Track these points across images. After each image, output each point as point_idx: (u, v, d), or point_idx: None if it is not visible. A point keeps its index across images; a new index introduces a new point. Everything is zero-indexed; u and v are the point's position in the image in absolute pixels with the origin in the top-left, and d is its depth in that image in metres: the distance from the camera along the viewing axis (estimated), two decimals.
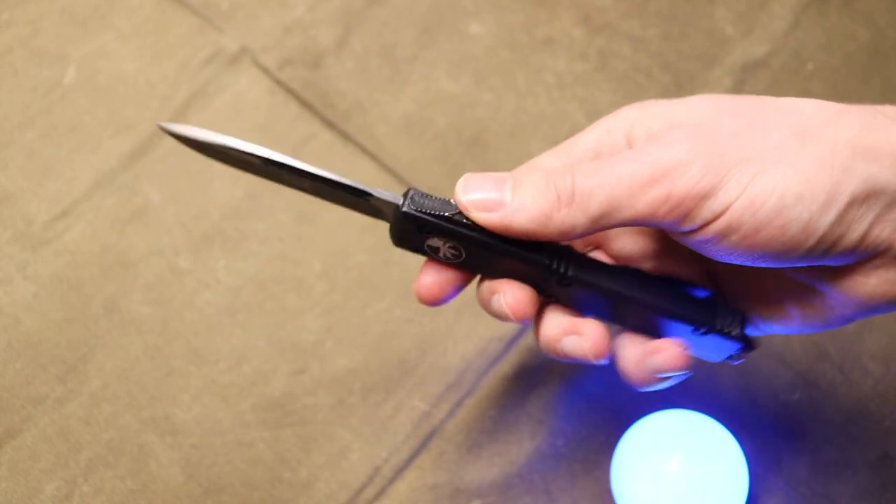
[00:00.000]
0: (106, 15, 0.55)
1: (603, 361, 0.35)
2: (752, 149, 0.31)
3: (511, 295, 0.35)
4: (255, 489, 0.46)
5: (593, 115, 0.54)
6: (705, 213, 0.31)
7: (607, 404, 0.48)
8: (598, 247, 0.39)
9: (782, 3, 0.58)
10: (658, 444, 0.44)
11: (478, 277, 0.36)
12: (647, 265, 0.38)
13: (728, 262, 0.33)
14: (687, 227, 0.31)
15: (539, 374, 0.49)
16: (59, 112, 0.53)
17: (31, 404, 0.47)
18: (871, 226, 0.31)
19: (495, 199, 0.33)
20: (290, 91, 0.54)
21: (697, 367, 0.49)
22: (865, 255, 0.32)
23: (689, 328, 0.36)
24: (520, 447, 0.47)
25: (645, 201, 0.31)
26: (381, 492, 0.46)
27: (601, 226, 0.32)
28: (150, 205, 0.51)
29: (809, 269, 0.33)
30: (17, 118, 0.53)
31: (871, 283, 0.33)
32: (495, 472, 0.47)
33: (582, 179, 0.32)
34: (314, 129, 0.54)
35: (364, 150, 0.53)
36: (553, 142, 0.54)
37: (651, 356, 0.35)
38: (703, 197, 0.30)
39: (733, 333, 0.36)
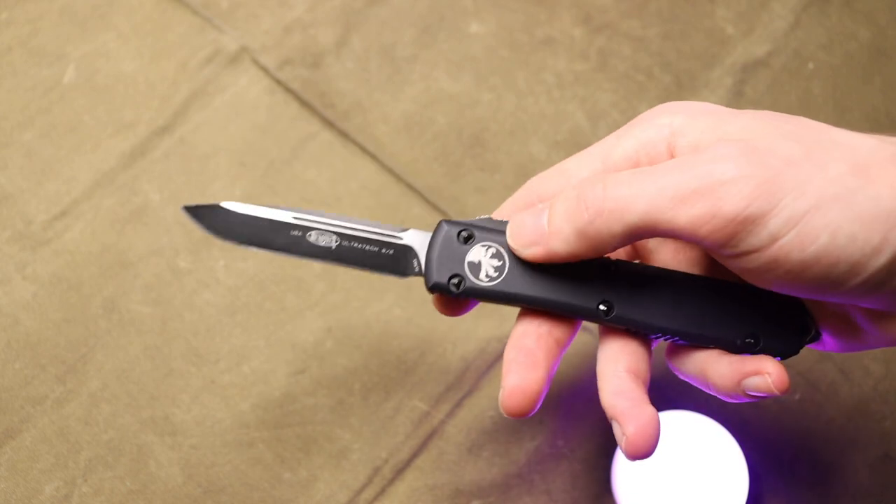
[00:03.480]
0: (105, 14, 0.55)
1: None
2: (808, 179, 0.29)
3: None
4: (254, 489, 0.46)
5: (594, 114, 0.54)
6: (752, 240, 0.29)
7: None
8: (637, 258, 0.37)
9: (783, 3, 0.57)
10: (659, 445, 0.44)
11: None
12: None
13: (767, 288, 0.31)
14: (729, 251, 0.30)
15: None
16: (59, 112, 0.53)
17: (30, 404, 0.47)
18: None
19: (538, 233, 0.32)
20: (289, 91, 0.54)
21: None
22: None
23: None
24: (520, 447, 0.47)
25: (688, 216, 0.29)
26: (381, 492, 0.46)
27: (639, 236, 0.31)
28: (150, 205, 0.51)
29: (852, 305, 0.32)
30: (17, 118, 0.53)
31: None
32: (495, 472, 0.47)
33: (616, 188, 0.30)
34: (314, 128, 0.53)
35: (364, 150, 0.53)
36: (553, 142, 0.54)
37: (749, 378, 0.33)
38: (752, 222, 0.29)
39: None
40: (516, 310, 0.50)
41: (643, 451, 0.32)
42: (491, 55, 0.56)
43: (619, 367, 0.34)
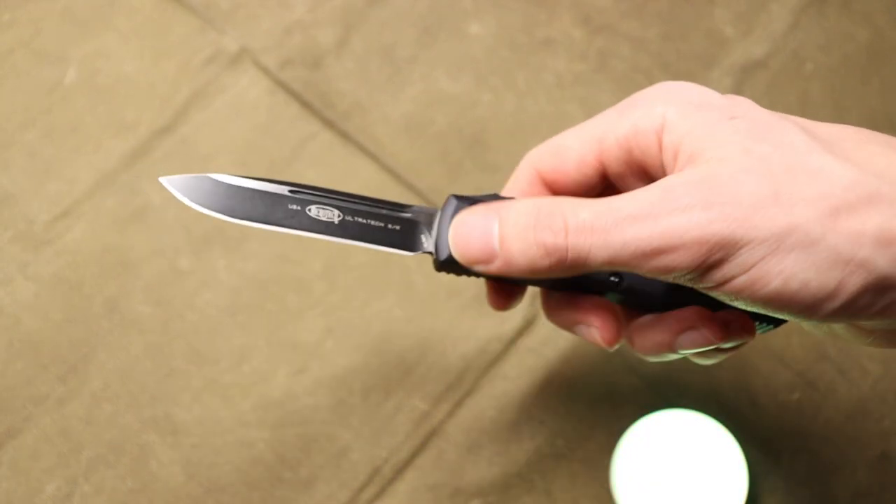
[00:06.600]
0: (106, 15, 0.56)
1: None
2: (770, 228, 0.28)
3: (600, 323, 0.35)
4: (255, 489, 0.46)
5: (593, 115, 0.54)
6: (703, 282, 0.30)
7: (607, 404, 0.48)
8: None
9: (781, 4, 0.58)
10: (658, 444, 0.44)
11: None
12: None
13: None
14: (684, 284, 0.31)
15: (539, 374, 0.49)
16: (60, 112, 0.53)
17: (32, 404, 0.47)
18: (886, 307, 0.29)
19: (487, 251, 0.32)
20: (290, 91, 0.54)
21: (697, 368, 0.49)
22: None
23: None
24: (520, 447, 0.47)
25: (648, 268, 0.30)
26: (381, 492, 0.47)
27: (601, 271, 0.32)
28: (151, 205, 0.51)
29: None
30: (19, 118, 0.53)
31: None
32: (495, 472, 0.47)
33: (578, 237, 0.30)
34: (314, 129, 0.54)
35: (364, 150, 0.53)
36: None
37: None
38: (707, 270, 0.29)
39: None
40: (517, 310, 0.50)
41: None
42: (491, 55, 0.56)
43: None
